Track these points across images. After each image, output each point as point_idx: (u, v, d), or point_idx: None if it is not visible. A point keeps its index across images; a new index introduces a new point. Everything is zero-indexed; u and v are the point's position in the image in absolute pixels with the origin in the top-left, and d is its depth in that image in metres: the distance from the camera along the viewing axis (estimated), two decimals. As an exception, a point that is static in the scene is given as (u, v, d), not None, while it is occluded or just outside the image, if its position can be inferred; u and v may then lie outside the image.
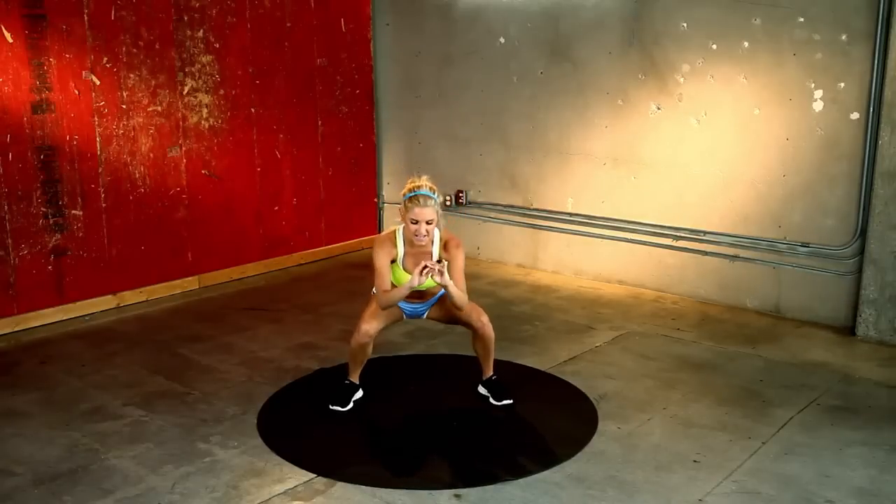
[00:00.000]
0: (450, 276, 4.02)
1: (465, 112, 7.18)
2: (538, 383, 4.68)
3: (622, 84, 6.25)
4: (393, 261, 4.12)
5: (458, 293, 4.05)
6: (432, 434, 4.07)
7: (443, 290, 4.15)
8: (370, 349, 4.25)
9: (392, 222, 7.76)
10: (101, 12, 5.71)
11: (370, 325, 4.13)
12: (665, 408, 4.33)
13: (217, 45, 6.39)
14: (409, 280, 3.93)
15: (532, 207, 6.96)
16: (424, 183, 4.04)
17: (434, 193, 4.02)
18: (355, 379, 4.36)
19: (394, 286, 4.09)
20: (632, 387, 4.59)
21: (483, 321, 4.21)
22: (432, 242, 4.11)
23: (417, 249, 4.10)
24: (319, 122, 7.23)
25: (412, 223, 3.99)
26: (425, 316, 4.34)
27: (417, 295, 4.18)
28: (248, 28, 6.58)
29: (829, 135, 5.42)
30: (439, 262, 3.99)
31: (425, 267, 3.86)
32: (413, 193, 3.99)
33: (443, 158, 7.37)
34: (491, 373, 4.41)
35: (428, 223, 3.98)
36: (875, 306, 5.26)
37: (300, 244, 7.23)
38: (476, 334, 4.27)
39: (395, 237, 4.14)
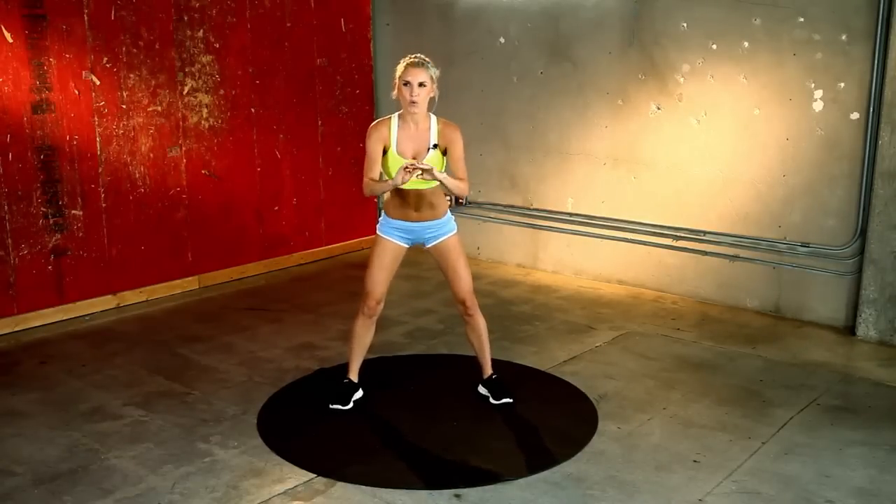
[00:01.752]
0: (450, 162, 4.02)
1: (465, 112, 7.16)
2: (538, 383, 4.68)
3: (622, 84, 6.25)
4: (386, 151, 4.05)
5: (457, 185, 3.99)
6: (432, 434, 4.07)
7: (447, 229, 4.12)
8: (373, 328, 4.28)
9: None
10: (101, 12, 5.71)
11: (376, 293, 4.13)
12: (665, 408, 4.33)
13: (217, 45, 6.39)
14: (394, 177, 3.89)
15: (532, 207, 6.96)
16: (419, 55, 4.04)
17: (429, 63, 3.99)
18: (355, 377, 4.36)
19: (396, 198, 4.10)
20: (632, 387, 4.59)
21: (466, 303, 4.19)
22: (429, 127, 4.04)
23: (414, 132, 4.03)
24: (319, 122, 7.23)
25: (404, 86, 3.95)
26: (429, 245, 4.18)
27: (416, 198, 4.06)
28: (248, 28, 6.58)
29: (829, 135, 5.42)
30: (429, 178, 3.90)
31: (410, 166, 3.80)
32: (406, 59, 3.99)
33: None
34: (490, 371, 4.41)
35: (421, 85, 3.93)
36: (875, 306, 5.26)
37: (300, 244, 7.23)
38: (464, 319, 4.29)
39: (391, 120, 4.08)
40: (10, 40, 5.30)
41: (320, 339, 5.38)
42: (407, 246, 4.22)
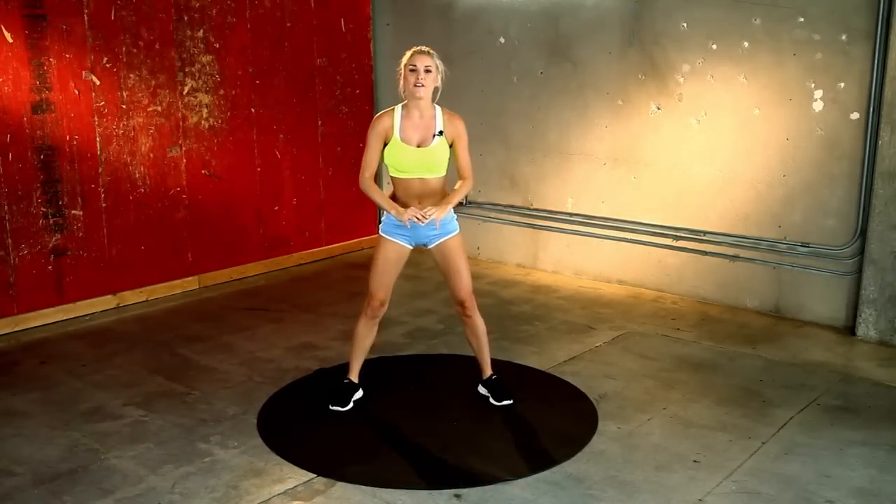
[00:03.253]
0: (456, 153, 4.10)
1: (465, 112, 7.12)
2: (538, 383, 4.67)
3: (622, 84, 6.25)
4: (389, 143, 4.06)
5: (464, 193, 4.12)
6: (432, 434, 4.07)
7: (450, 229, 4.13)
8: (376, 330, 4.27)
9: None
10: (101, 12, 5.71)
11: (381, 294, 4.13)
12: (665, 408, 4.32)
13: (217, 45, 6.39)
14: (396, 210, 3.98)
15: (532, 207, 6.96)
16: (424, 46, 4.10)
17: (435, 53, 4.05)
18: (355, 377, 4.36)
19: (393, 185, 4.15)
20: (632, 387, 4.59)
21: (465, 302, 4.19)
22: (434, 115, 4.06)
23: (419, 120, 4.05)
24: (319, 122, 7.23)
25: (410, 71, 3.98)
26: (432, 246, 4.17)
27: (419, 189, 4.07)
28: (248, 28, 6.58)
29: (829, 135, 5.42)
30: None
31: (419, 217, 3.91)
32: (412, 49, 4.05)
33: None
34: (490, 372, 4.41)
35: (427, 70, 3.98)
36: (875, 306, 5.26)
37: (300, 244, 7.23)
38: (462, 321, 4.29)
39: (393, 111, 4.10)
40: (10, 40, 5.30)
41: (320, 339, 5.38)
42: (410, 247, 4.21)
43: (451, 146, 4.11)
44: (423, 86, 3.97)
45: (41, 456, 3.84)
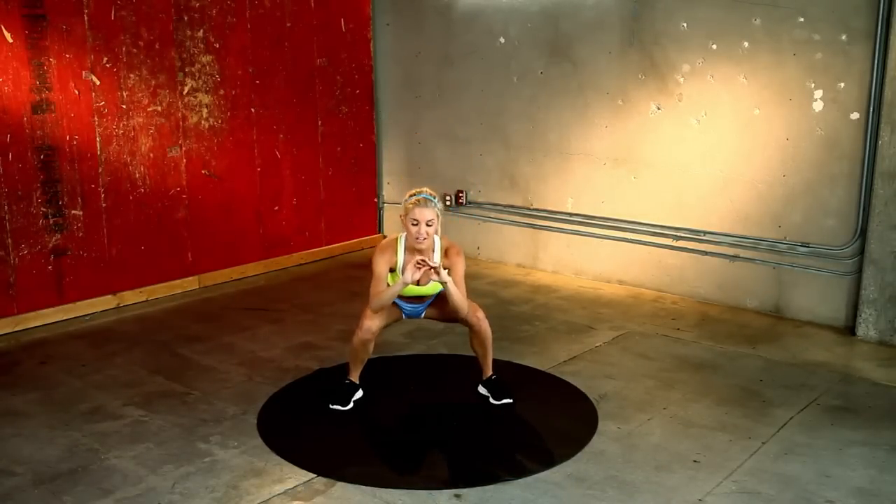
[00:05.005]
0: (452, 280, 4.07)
1: (465, 112, 7.18)
2: (538, 383, 4.67)
3: (622, 84, 6.25)
4: (392, 270, 4.13)
5: (458, 295, 4.06)
6: (432, 434, 4.07)
7: (441, 289, 4.17)
8: (371, 347, 4.25)
9: (392, 222, 7.76)
10: (101, 12, 5.71)
11: (373, 322, 4.14)
12: (665, 408, 4.33)
13: (217, 45, 6.39)
14: (403, 276, 3.95)
15: (532, 207, 6.96)
16: (425, 189, 4.12)
17: (435, 198, 4.07)
18: (355, 378, 4.36)
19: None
20: (632, 387, 4.59)
21: (479, 317, 4.21)
22: (433, 250, 4.12)
23: (419, 256, 4.09)
24: (319, 122, 7.23)
25: (412, 224, 4.01)
26: (423, 316, 4.34)
27: (418, 298, 4.21)
28: (248, 28, 6.58)
29: (829, 135, 5.42)
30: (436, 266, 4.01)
31: (420, 262, 3.89)
32: (413, 195, 4.06)
33: (443, 158, 7.37)
34: (490, 372, 4.41)
35: (428, 224, 4.00)
36: (875, 306, 5.26)
37: (300, 244, 7.23)
38: (473, 331, 4.26)
39: (397, 244, 4.16)
40: (10, 40, 5.30)
41: (320, 339, 5.38)
42: (404, 317, 4.34)
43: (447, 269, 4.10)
44: (425, 238, 4.01)
45: (41, 456, 3.84)
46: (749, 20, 5.59)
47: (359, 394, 4.36)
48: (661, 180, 6.19)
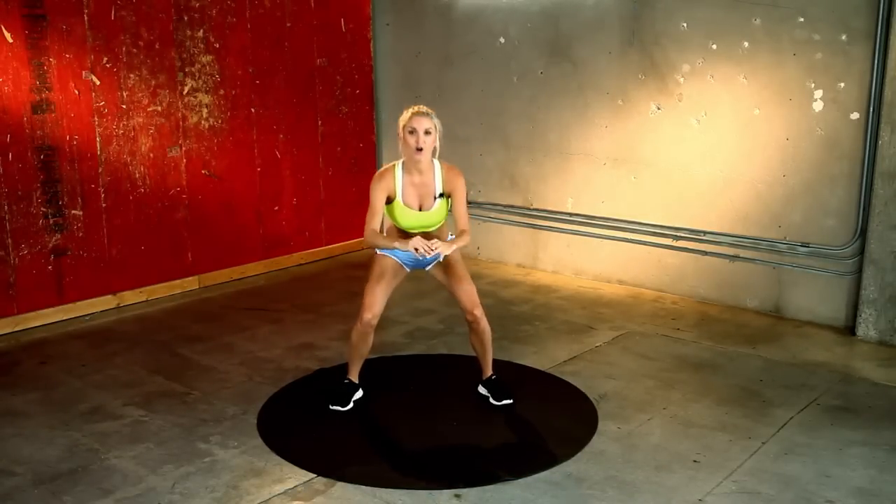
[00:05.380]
0: (453, 206, 4.10)
1: (465, 112, 7.18)
2: (538, 383, 4.68)
3: (622, 84, 6.25)
4: (390, 201, 4.11)
5: (464, 244, 4.09)
6: (432, 434, 4.07)
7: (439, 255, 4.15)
8: (371, 339, 4.25)
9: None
10: (101, 12, 5.71)
11: (371, 313, 4.12)
12: (665, 408, 4.33)
13: (217, 45, 6.39)
14: (401, 243, 3.97)
15: (532, 207, 6.96)
16: (422, 106, 4.13)
17: (432, 113, 4.07)
18: (355, 378, 4.36)
19: (397, 231, 4.18)
20: (632, 387, 4.59)
21: (476, 314, 4.19)
22: (433, 175, 4.09)
23: (419, 180, 4.08)
24: (319, 122, 7.23)
25: (409, 133, 4.00)
26: (429, 269, 4.24)
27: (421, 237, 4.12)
28: (248, 28, 6.58)
29: (829, 135, 5.42)
30: (438, 260, 4.00)
31: (423, 249, 3.91)
32: (409, 109, 4.07)
33: (443, 158, 7.34)
34: (490, 372, 4.41)
35: (426, 133, 4.00)
36: (875, 306, 5.26)
37: (300, 244, 7.23)
38: (471, 328, 4.26)
39: (394, 169, 4.13)
40: (10, 40, 5.30)
41: (320, 339, 5.38)
42: (408, 269, 4.25)
43: (449, 198, 4.12)
44: (422, 149, 4.00)
45: (41, 456, 3.84)
46: (749, 20, 5.59)
47: (359, 394, 4.36)
48: (661, 180, 6.19)
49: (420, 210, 4.11)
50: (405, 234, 4.17)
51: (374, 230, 4.13)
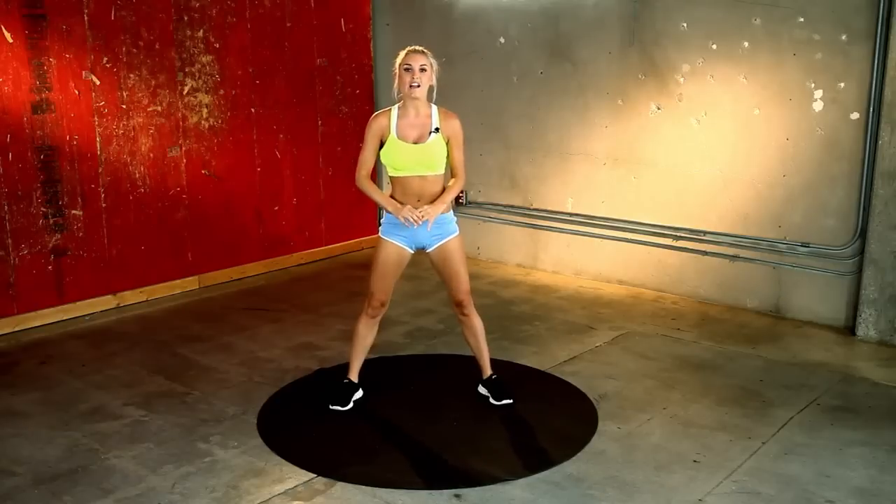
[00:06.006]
0: (451, 151, 4.10)
1: (465, 112, 7.12)
2: (538, 383, 4.67)
3: (622, 84, 6.25)
4: (383, 144, 4.12)
5: (457, 190, 4.13)
6: (432, 434, 4.07)
7: (449, 231, 4.15)
8: (376, 329, 4.27)
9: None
10: (101, 12, 5.71)
11: (381, 294, 4.15)
12: (665, 408, 4.32)
13: (217, 45, 6.39)
14: (393, 206, 4.03)
15: (532, 207, 6.96)
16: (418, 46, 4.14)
17: (429, 52, 4.08)
18: (355, 377, 4.36)
19: (392, 185, 4.16)
20: (632, 387, 4.59)
21: (463, 300, 4.18)
22: (430, 114, 4.08)
23: (415, 118, 4.07)
24: (319, 122, 7.23)
25: (405, 70, 4.01)
26: (431, 250, 4.18)
27: (418, 187, 4.08)
28: (248, 28, 6.58)
29: (829, 135, 5.42)
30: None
31: (415, 217, 3.95)
32: (407, 49, 4.08)
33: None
34: (490, 372, 4.40)
35: (422, 69, 4.00)
36: (875, 306, 5.26)
37: (300, 244, 7.23)
38: (460, 319, 4.28)
39: (390, 111, 4.14)
40: (10, 40, 5.30)
41: (320, 339, 5.38)
42: (411, 251, 4.21)
43: (447, 143, 4.10)
44: (418, 85, 4.01)
45: (41, 456, 3.84)
46: (749, 20, 5.59)
47: (359, 394, 4.36)
48: (661, 180, 6.19)
49: (416, 144, 4.05)
50: (404, 190, 4.10)
51: (366, 176, 4.16)
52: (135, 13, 5.88)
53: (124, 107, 5.91)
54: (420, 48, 4.08)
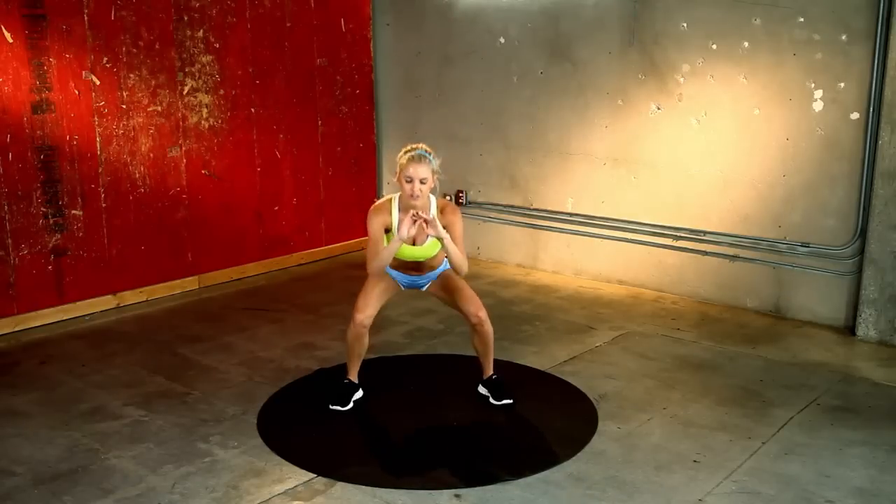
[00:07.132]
0: (450, 233, 4.04)
1: (465, 112, 7.18)
2: (538, 383, 4.67)
3: (622, 84, 6.25)
4: (388, 230, 4.10)
5: (457, 252, 4.01)
6: (432, 434, 4.07)
7: (442, 268, 4.19)
8: (366, 340, 4.24)
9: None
10: (101, 12, 5.71)
11: (364, 314, 4.11)
12: (665, 408, 4.33)
13: (217, 45, 6.39)
14: (398, 233, 3.92)
15: (532, 207, 6.96)
16: (421, 145, 4.06)
17: (430, 154, 4.00)
18: (354, 377, 4.36)
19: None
20: (632, 387, 4.59)
21: (481, 317, 4.18)
22: (429, 209, 4.07)
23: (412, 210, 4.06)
24: (319, 122, 7.23)
25: (406, 182, 3.96)
26: (425, 289, 4.27)
27: (414, 266, 4.17)
28: (248, 28, 6.58)
29: (829, 135, 5.42)
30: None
31: (415, 215, 3.85)
32: (408, 151, 4.01)
33: (443, 158, 7.32)
34: (491, 372, 4.40)
35: (422, 182, 3.95)
36: (875, 306, 5.26)
37: (300, 244, 7.23)
38: (474, 329, 4.25)
39: (391, 204, 4.12)
40: (10, 40, 5.30)
41: (320, 339, 5.38)
42: (403, 287, 4.29)
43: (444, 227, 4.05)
44: (419, 196, 3.97)
45: (41, 456, 3.84)
46: (749, 20, 5.59)
47: (358, 394, 4.36)
48: (661, 180, 6.19)
49: (414, 245, 4.08)
50: (400, 267, 4.20)
51: (381, 268, 4.11)
52: (135, 13, 5.88)
53: (124, 107, 5.91)
54: (421, 153, 3.97)
